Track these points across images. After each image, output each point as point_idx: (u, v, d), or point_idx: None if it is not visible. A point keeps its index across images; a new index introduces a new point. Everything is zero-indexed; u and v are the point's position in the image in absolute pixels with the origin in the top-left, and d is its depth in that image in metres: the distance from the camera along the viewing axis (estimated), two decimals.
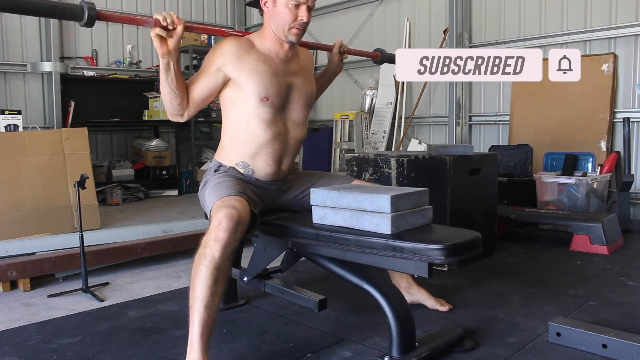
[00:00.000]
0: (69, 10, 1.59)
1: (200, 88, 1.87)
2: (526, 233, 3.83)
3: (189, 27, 1.83)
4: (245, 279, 2.11)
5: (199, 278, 1.59)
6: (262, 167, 1.94)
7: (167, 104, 1.85)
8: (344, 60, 2.35)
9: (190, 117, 1.92)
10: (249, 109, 1.89)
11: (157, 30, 1.69)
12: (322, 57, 6.32)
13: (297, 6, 1.86)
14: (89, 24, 1.58)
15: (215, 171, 1.99)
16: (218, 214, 1.65)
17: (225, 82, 1.89)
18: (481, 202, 3.02)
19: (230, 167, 1.95)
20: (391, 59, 2.66)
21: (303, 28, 1.90)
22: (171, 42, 1.73)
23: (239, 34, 2.04)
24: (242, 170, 1.94)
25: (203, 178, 2.04)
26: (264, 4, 1.94)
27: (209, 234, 1.64)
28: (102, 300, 2.48)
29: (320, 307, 1.92)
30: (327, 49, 2.31)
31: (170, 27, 1.70)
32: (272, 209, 2.03)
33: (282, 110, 1.95)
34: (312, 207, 1.81)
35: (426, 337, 1.85)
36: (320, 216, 1.79)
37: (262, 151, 1.92)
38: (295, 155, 2.08)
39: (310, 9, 1.88)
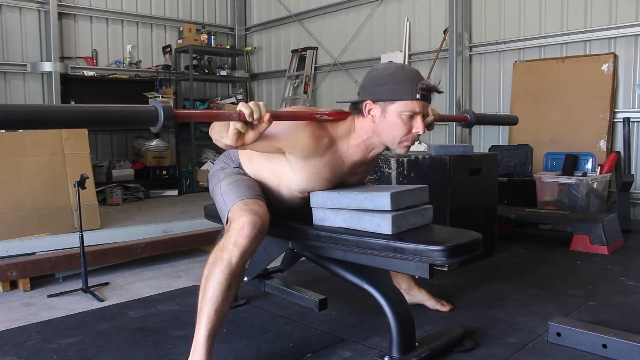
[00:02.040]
0: (142, 116, 1.30)
1: (255, 147, 1.66)
2: (526, 233, 3.84)
3: (277, 118, 1.53)
4: (245, 279, 2.11)
5: (213, 281, 1.56)
6: (274, 204, 1.87)
7: (215, 137, 1.62)
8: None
9: None
10: (286, 182, 1.78)
11: (239, 126, 1.45)
12: (322, 56, 6.33)
13: (412, 117, 1.63)
14: (165, 130, 1.33)
15: (234, 167, 1.91)
16: (241, 218, 1.60)
17: (282, 153, 1.71)
18: (481, 202, 3.02)
19: (248, 175, 1.89)
20: (482, 120, 2.34)
21: (415, 141, 1.69)
22: (249, 137, 1.49)
23: (330, 117, 1.68)
24: None
25: (217, 162, 1.95)
26: (369, 112, 1.65)
27: (229, 237, 1.59)
28: (102, 300, 2.48)
29: (320, 307, 1.93)
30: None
31: (255, 123, 1.46)
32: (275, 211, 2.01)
33: None
34: (313, 209, 1.81)
35: (426, 337, 1.85)
36: (320, 218, 1.79)
37: (280, 201, 1.87)
38: None
39: (425, 118, 1.67)
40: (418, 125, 1.63)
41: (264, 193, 1.83)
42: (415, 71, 1.67)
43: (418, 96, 1.60)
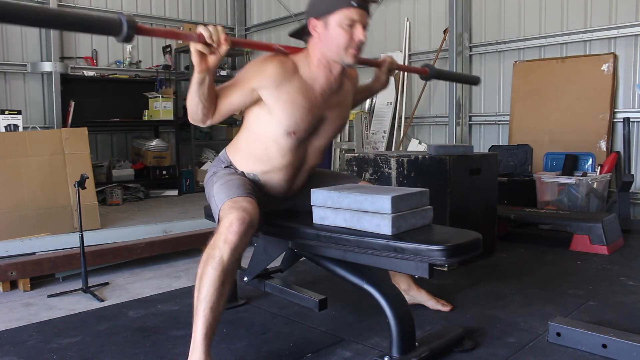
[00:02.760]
0: (106, 25, 1.41)
1: (230, 101, 1.76)
2: (526, 233, 3.84)
3: (235, 44, 1.67)
4: (245, 279, 2.11)
5: (206, 279, 1.58)
6: (273, 184, 1.92)
7: (191, 110, 1.74)
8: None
9: (212, 124, 1.84)
10: (272, 134, 1.81)
11: (200, 47, 1.56)
12: None
13: (352, 26, 1.73)
14: (127, 39, 1.42)
15: (225, 167, 1.94)
16: (229, 215, 1.62)
17: (257, 101, 1.79)
18: (481, 202, 3.02)
19: (241, 171, 1.91)
20: (441, 75, 2.57)
21: (360, 48, 1.77)
22: (212, 60, 1.60)
23: (286, 51, 1.85)
24: (251, 179, 1.91)
25: (210, 168, 1.99)
26: (313, 29, 1.78)
27: (219, 235, 1.61)
28: (102, 300, 2.48)
29: (320, 307, 1.92)
30: (376, 65, 2.18)
31: (214, 45, 1.57)
32: (274, 211, 2.02)
33: (306, 139, 1.87)
34: (313, 207, 1.81)
35: (426, 337, 1.85)
36: (320, 217, 1.79)
37: (276, 172, 1.89)
38: (309, 175, 2.02)
39: (365, 27, 1.75)
40: (359, 32, 1.73)
41: (263, 182, 1.88)
42: None
43: (354, 3, 1.71)
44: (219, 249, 1.59)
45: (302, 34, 1.87)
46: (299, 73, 1.79)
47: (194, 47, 1.57)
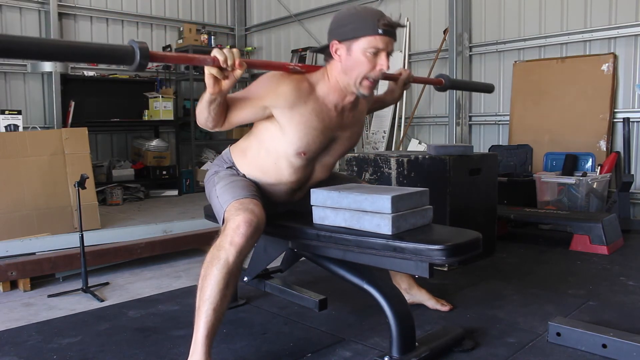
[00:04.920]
0: (118, 54, 1.37)
1: (241, 115, 1.71)
2: (526, 233, 3.84)
3: (250, 66, 1.61)
4: (245, 279, 2.11)
5: (210, 280, 1.57)
6: (275, 194, 1.90)
7: (200, 120, 1.69)
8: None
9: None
10: (282, 152, 1.78)
11: (214, 71, 1.49)
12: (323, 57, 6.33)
13: (376, 54, 1.66)
14: (140, 68, 1.38)
15: (227, 167, 1.92)
16: (236, 217, 1.60)
17: (269, 116, 1.74)
18: (481, 202, 3.02)
19: (242, 174, 1.89)
20: (456, 85, 2.55)
21: (378, 80, 1.72)
22: (225, 84, 1.53)
23: (302, 69, 1.77)
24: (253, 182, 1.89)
25: (212, 166, 1.98)
26: (335, 52, 1.71)
27: (225, 236, 1.59)
28: (102, 300, 2.48)
29: (320, 307, 1.93)
30: (393, 78, 2.10)
31: (229, 69, 1.50)
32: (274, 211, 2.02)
33: (315, 158, 1.85)
34: (312, 207, 1.81)
35: (426, 337, 1.85)
36: (320, 216, 1.79)
37: (281, 185, 1.87)
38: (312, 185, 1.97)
39: (389, 55, 1.68)
40: (382, 62, 1.66)
41: (264, 189, 1.85)
42: (378, 9, 1.73)
43: (380, 31, 1.64)
44: (224, 251, 1.58)
45: (324, 52, 1.80)
46: (314, 94, 1.74)
47: (208, 71, 1.50)
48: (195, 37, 6.66)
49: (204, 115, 1.65)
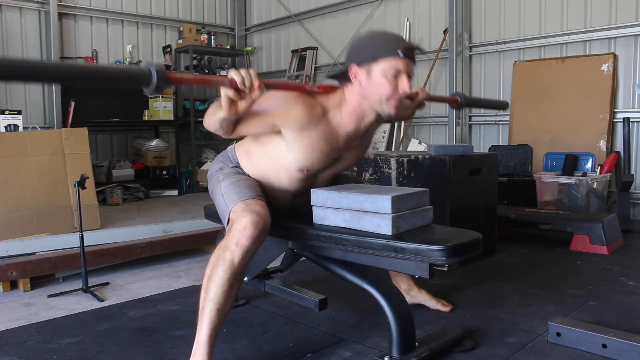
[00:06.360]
0: (135, 77, 1.36)
1: (249, 128, 1.70)
2: (526, 233, 3.84)
3: (269, 87, 1.58)
4: (245, 279, 2.10)
5: (215, 281, 1.56)
6: (276, 198, 1.89)
7: (209, 127, 1.68)
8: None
9: None
10: (286, 165, 1.77)
11: (231, 94, 1.47)
12: (323, 57, 6.33)
13: (396, 76, 1.63)
14: (158, 90, 1.36)
15: (233, 167, 1.91)
16: (243, 218, 1.60)
17: (277, 132, 1.72)
18: (481, 202, 3.02)
19: (247, 174, 1.89)
20: (471, 102, 2.54)
21: (402, 101, 1.68)
22: (242, 106, 1.51)
23: (320, 91, 1.73)
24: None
25: (215, 162, 1.97)
26: (355, 76, 1.67)
27: (231, 237, 1.59)
28: (102, 300, 2.48)
29: (320, 307, 1.93)
30: (411, 98, 1.93)
31: (246, 91, 1.48)
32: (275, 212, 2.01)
33: (318, 172, 1.84)
34: (313, 207, 1.81)
35: (426, 337, 1.85)
36: (320, 217, 1.79)
37: (282, 192, 1.87)
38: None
39: (410, 77, 1.66)
40: (404, 84, 1.64)
41: (265, 191, 1.83)
42: (397, 34, 1.72)
43: (401, 54, 1.62)
44: (230, 252, 1.57)
45: (341, 77, 1.75)
46: (327, 118, 1.71)
47: (225, 93, 1.48)
48: (195, 37, 6.65)
49: (214, 126, 1.64)
